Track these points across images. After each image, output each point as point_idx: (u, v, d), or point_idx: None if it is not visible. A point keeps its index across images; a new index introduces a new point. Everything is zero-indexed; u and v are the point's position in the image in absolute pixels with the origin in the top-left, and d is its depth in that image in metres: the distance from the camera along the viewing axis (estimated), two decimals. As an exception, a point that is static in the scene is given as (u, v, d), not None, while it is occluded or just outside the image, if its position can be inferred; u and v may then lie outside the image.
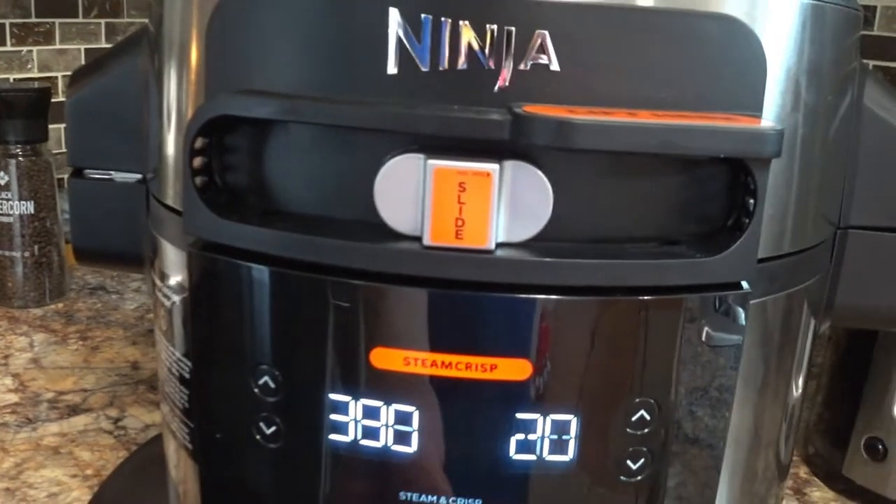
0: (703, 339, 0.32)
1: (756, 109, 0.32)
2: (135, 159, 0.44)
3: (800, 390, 0.44)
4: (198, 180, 0.34)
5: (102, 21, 1.14)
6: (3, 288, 0.88)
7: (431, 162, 0.28)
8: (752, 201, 0.31)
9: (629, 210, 0.32)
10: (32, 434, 0.66)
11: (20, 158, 0.84)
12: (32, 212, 0.86)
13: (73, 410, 0.70)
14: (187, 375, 0.38)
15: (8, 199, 0.84)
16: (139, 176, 0.44)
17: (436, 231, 0.29)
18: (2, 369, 0.76)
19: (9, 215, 0.85)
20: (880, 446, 0.60)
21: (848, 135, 0.40)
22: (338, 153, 0.31)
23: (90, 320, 0.88)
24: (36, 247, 0.87)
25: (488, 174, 0.28)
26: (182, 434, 0.39)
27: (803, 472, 0.66)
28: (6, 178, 0.84)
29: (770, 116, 0.32)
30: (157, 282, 0.42)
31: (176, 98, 0.37)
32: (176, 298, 0.39)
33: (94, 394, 0.73)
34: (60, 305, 0.90)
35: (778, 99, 0.32)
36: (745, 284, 0.31)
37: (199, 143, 0.33)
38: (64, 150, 1.06)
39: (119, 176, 0.45)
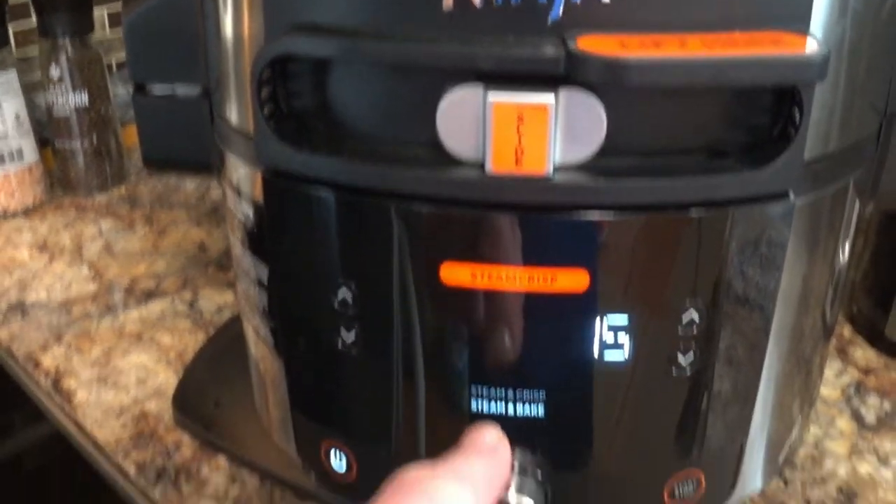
0: (750, 245, 0.33)
1: (803, 21, 0.32)
2: (195, 73, 0.45)
3: (846, 257, 0.45)
4: (265, 109, 0.35)
5: None
6: (67, 178, 0.91)
7: (491, 95, 0.30)
8: (798, 114, 0.32)
9: (679, 125, 0.33)
10: (114, 322, 0.70)
11: (69, 50, 0.86)
12: (87, 102, 0.88)
13: (149, 296, 0.74)
14: (265, 281, 0.41)
15: (63, 93, 0.87)
16: (200, 89, 0.46)
17: (497, 160, 0.31)
18: (77, 259, 0.80)
19: (65, 108, 0.87)
20: (922, 307, 0.62)
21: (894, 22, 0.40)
22: (400, 84, 0.33)
23: (153, 203, 0.91)
24: (94, 135, 0.90)
25: (545, 107, 0.30)
26: (262, 331, 0.43)
27: (847, 331, 0.69)
28: (58, 71, 0.86)
29: (818, 24, 0.33)
30: (228, 192, 0.44)
31: (233, 20, 0.38)
32: (249, 211, 0.42)
33: (167, 278, 0.77)
34: (123, 190, 0.94)
35: (826, 7, 0.33)
36: (791, 195, 0.33)
37: (264, 74, 0.35)
38: (108, 34, 1.07)
39: (181, 89, 0.47)
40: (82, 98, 0.88)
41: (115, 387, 0.63)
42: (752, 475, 0.47)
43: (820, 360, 0.49)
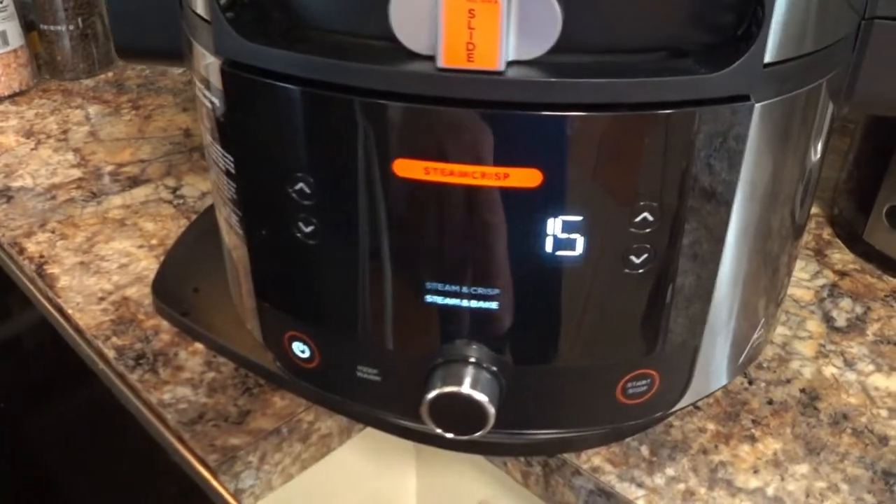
0: (706, 147, 0.33)
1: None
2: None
3: (818, 155, 0.45)
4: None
5: None
6: (54, 62, 0.90)
7: (442, -12, 0.29)
8: (760, 11, 0.31)
9: (638, 21, 0.32)
10: (98, 208, 0.71)
11: (54, -70, 0.84)
12: (72, -16, 0.86)
13: (134, 182, 0.74)
14: (232, 170, 0.41)
15: (47, -27, 0.85)
16: (171, -26, 0.45)
17: (448, 54, 0.30)
18: (63, 144, 0.80)
19: (50, -11, 0.86)
20: (901, 214, 0.62)
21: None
22: (355, -27, 0.32)
23: (140, 88, 0.90)
24: (79, 19, 0.88)
25: (496, 1, 0.29)
26: (232, 219, 0.43)
27: (826, 233, 0.69)
28: (42, -49, 0.84)
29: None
30: (196, 81, 0.44)
31: None
32: (215, 100, 0.41)
33: (152, 164, 0.77)
34: (110, 74, 0.93)
35: None
36: (751, 99, 0.33)
37: (221, -40, 0.34)
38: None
39: (154, -24, 0.46)
40: (67, -21, 0.86)
41: (98, 273, 0.64)
42: (715, 373, 0.48)
43: (788, 260, 0.49)
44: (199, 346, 0.57)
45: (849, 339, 0.58)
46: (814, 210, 0.71)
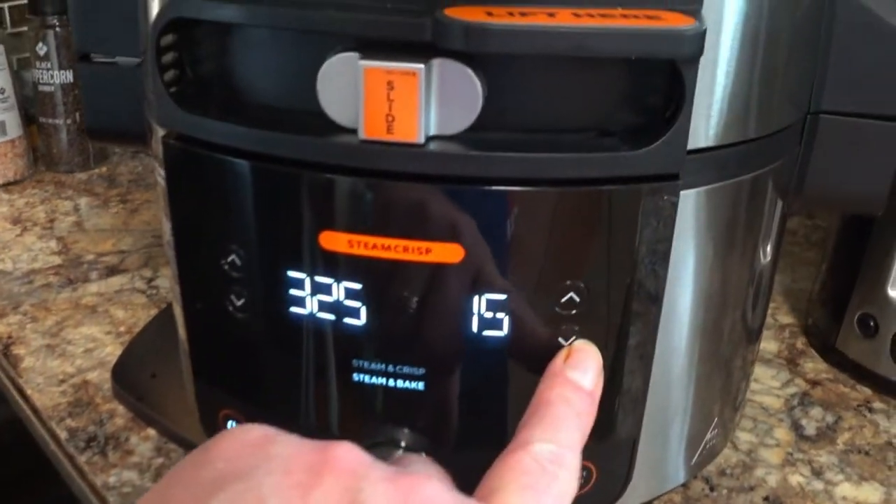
0: (634, 227, 0.33)
1: (697, 3, 0.32)
2: (135, 44, 0.46)
3: (768, 258, 0.45)
4: (169, 74, 0.36)
5: None
6: (50, 154, 0.92)
7: (363, 61, 0.30)
8: (680, 94, 0.32)
9: (563, 102, 0.33)
10: (73, 294, 0.71)
11: (57, 29, 0.87)
12: (72, 80, 0.89)
13: (111, 271, 0.75)
14: (172, 242, 0.41)
15: (48, 69, 0.88)
16: (139, 60, 0.46)
17: (369, 126, 0.31)
18: (48, 232, 0.81)
19: (50, 84, 0.88)
20: (872, 322, 0.61)
21: (820, 18, 0.40)
22: (287, 50, 0.33)
23: (131, 183, 0.92)
24: (77, 114, 0.91)
25: (414, 73, 0.30)
26: (175, 294, 0.43)
27: (800, 342, 0.68)
28: (45, 48, 0.87)
29: (725, 4, 0.33)
30: (154, 162, 0.45)
31: (148, -9, 0.39)
32: (162, 173, 0.42)
33: (131, 255, 0.78)
34: (104, 169, 0.95)
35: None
36: (679, 179, 0.33)
37: (167, 39, 0.35)
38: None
39: (122, 60, 0.47)
40: (67, 75, 0.89)
41: (63, 356, 0.63)
42: (668, 471, 0.47)
43: (743, 363, 0.48)
44: (151, 431, 0.56)
45: (818, 448, 0.56)
46: (788, 320, 0.71)
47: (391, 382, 0.36)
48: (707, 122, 0.36)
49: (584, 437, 0.32)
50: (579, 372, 0.33)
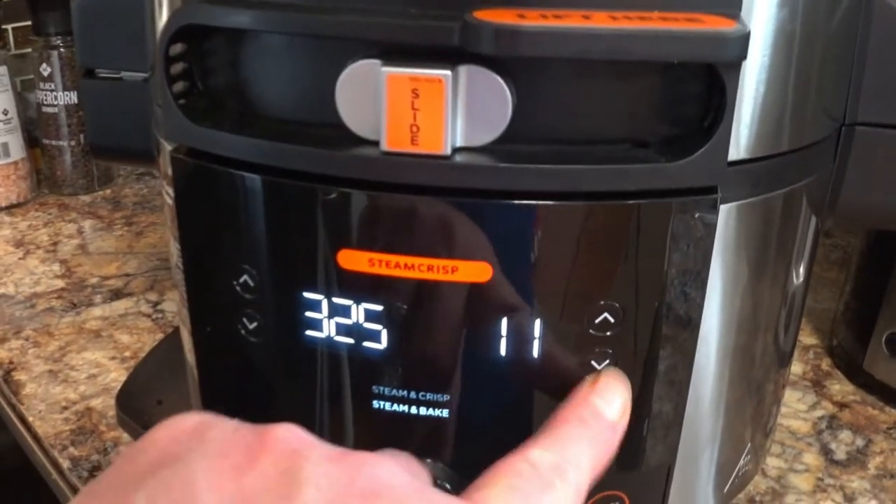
0: (670, 243, 0.31)
1: (736, 7, 0.30)
2: (142, 59, 0.44)
3: (801, 279, 0.43)
4: (178, 86, 0.34)
5: None
6: (54, 177, 0.91)
7: (385, 68, 0.28)
8: (721, 102, 0.30)
9: (597, 112, 0.31)
10: (76, 318, 0.69)
11: (62, 49, 0.86)
12: (76, 101, 0.88)
13: (116, 295, 0.73)
14: (180, 264, 0.39)
15: (52, 90, 0.86)
16: (146, 75, 0.45)
17: (392, 137, 0.29)
18: (51, 255, 0.80)
19: (54, 106, 0.87)
20: (901, 342, 0.59)
21: (856, 27, 0.38)
22: (304, 59, 0.32)
23: (136, 206, 0.90)
24: (82, 135, 0.89)
25: (440, 80, 0.28)
26: (184, 318, 0.41)
27: (825, 364, 0.66)
28: (49, 69, 0.86)
29: (759, 12, 0.31)
30: (163, 181, 0.43)
31: (158, 2, 0.37)
32: (171, 191, 0.40)
33: (136, 278, 0.76)
34: (108, 192, 0.93)
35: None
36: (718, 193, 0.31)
37: (177, 49, 0.33)
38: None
39: (128, 75, 0.46)
40: (72, 97, 0.87)
41: (65, 382, 0.62)
42: (699, 501, 0.44)
43: (774, 387, 0.46)
44: (157, 460, 0.54)
45: (849, 473, 0.54)
46: (812, 341, 0.69)
47: (413, 410, 0.34)
48: (739, 133, 0.34)
49: (597, 463, 0.29)
50: (604, 400, 0.31)
